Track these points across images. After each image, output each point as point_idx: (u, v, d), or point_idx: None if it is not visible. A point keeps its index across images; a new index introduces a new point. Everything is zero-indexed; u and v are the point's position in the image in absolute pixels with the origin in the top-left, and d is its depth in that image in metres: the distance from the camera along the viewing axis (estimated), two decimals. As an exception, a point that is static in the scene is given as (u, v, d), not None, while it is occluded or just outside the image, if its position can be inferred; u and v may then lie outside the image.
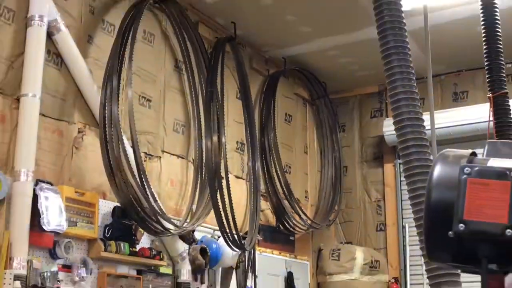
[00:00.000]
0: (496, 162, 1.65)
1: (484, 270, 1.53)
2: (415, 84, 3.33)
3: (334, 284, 7.41)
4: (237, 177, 6.59)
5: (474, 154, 1.78)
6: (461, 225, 1.53)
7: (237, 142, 6.67)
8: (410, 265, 7.41)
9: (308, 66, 7.63)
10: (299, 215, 7.17)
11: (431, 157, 2.78)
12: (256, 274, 6.45)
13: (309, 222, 7.29)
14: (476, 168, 1.59)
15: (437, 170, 1.68)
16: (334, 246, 7.64)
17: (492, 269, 1.54)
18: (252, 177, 6.52)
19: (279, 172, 7.06)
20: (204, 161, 5.91)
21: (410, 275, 7.39)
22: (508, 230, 1.49)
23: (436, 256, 1.66)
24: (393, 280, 7.43)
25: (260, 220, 6.64)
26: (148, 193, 5.09)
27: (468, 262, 1.59)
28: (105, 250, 4.86)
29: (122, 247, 4.99)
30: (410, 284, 7.36)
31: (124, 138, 5.03)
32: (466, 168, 1.59)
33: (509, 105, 4.16)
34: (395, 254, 7.58)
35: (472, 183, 1.56)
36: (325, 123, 7.98)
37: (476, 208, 1.53)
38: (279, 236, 7.12)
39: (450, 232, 1.54)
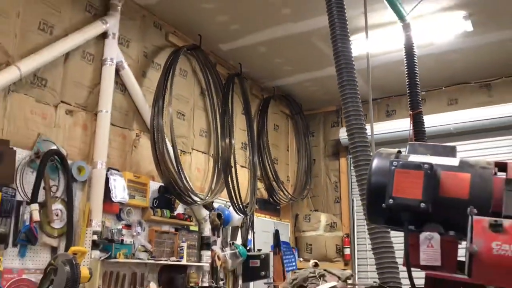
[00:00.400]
0: (414, 158, 1.66)
1: (406, 230, 1.56)
2: (360, 105, 3.35)
3: (306, 238, 7.42)
4: (242, 166, 6.57)
5: (399, 152, 1.79)
6: (390, 200, 1.56)
7: (242, 143, 6.66)
8: (357, 225, 7.40)
9: (290, 92, 7.62)
10: (283, 192, 7.17)
11: (371, 154, 2.78)
12: (254, 231, 6.47)
13: (289, 196, 7.29)
14: (401, 162, 1.60)
15: (375, 163, 1.69)
16: (306, 213, 7.66)
17: (412, 229, 1.58)
18: (252, 166, 6.52)
19: (269, 163, 7.05)
20: (220, 155, 5.91)
21: (357, 232, 7.39)
22: (422, 203, 1.52)
23: (374, 221, 1.70)
24: (345, 235, 7.44)
25: (257, 195, 6.64)
26: (182, 176, 5.11)
27: (396, 225, 1.62)
28: (154, 214, 4.89)
29: (164, 213, 5.01)
30: (357, 238, 7.36)
31: (167, 140, 5.04)
32: (394, 162, 1.60)
33: (423, 119, 4.16)
34: (347, 218, 7.56)
35: (398, 172, 1.57)
36: (301, 131, 7.96)
37: (400, 188, 1.55)
38: (270, 206, 7.11)
39: (383, 205, 1.57)
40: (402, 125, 6.68)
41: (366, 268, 7.00)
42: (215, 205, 5.78)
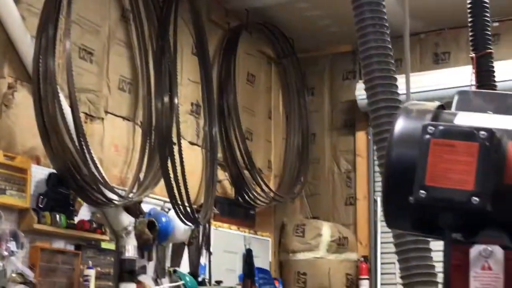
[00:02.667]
0: (464, 119, 1.61)
1: (447, 241, 1.52)
2: (389, 41, 3.25)
3: (298, 263, 7.49)
4: (191, 143, 6.55)
5: (442, 107, 1.74)
6: (422, 191, 1.50)
7: (192, 104, 6.64)
8: (382, 243, 7.48)
9: (273, 20, 7.59)
10: (261, 187, 7.18)
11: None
12: (211, 251, 6.48)
13: (271, 194, 7.30)
14: (441, 128, 1.57)
15: (399, 126, 1.69)
16: (298, 222, 7.70)
17: (456, 239, 1.54)
18: (208, 143, 6.52)
19: (239, 139, 7.04)
20: (153, 124, 5.90)
21: (381, 253, 7.47)
22: (474, 197, 1.47)
23: (394, 223, 1.66)
24: (362, 259, 7.53)
25: (217, 191, 6.66)
26: (88, 158, 5.06)
27: (430, 231, 1.60)
28: (39, 222, 4.84)
29: (58, 219, 4.96)
30: (381, 263, 7.45)
31: (61, 95, 4.98)
32: (430, 127, 1.57)
33: (493, 67, 4.12)
34: (365, 230, 7.65)
35: (436, 145, 1.53)
36: (292, 85, 7.96)
37: (439, 172, 1.51)
38: (238, 210, 7.13)
39: (410, 198, 1.51)
40: (458, 76, 6.62)
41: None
42: (145, 207, 5.77)
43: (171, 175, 5.76)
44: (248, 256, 6.85)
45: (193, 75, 6.58)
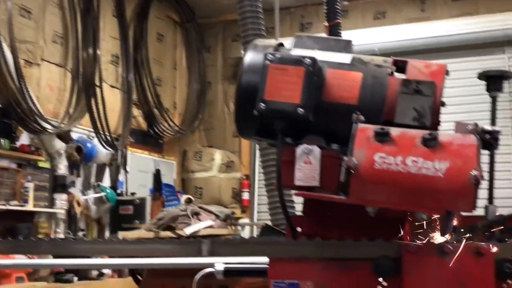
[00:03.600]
0: (297, 52, 1.64)
1: (280, 142, 1.55)
2: (261, 11, 3.33)
3: (196, 180, 7.48)
4: (112, 86, 6.39)
5: (281, 45, 1.75)
6: (262, 104, 1.54)
7: (112, 55, 6.45)
8: (259, 165, 7.49)
9: (179, -9, 7.38)
10: (168, 122, 7.15)
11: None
12: (128, 170, 6.43)
13: (176, 128, 7.28)
14: (278, 55, 1.58)
15: (247, 57, 1.67)
16: (197, 149, 7.67)
17: (287, 142, 1.57)
18: (125, 87, 6.40)
19: (150, 84, 6.94)
20: (81, 70, 5.72)
21: (258, 172, 7.45)
22: (299, 109, 1.51)
23: (244, 131, 1.69)
24: (244, 177, 7.57)
25: (133, 125, 6.59)
26: (27, 96, 4.94)
27: (269, 136, 1.61)
28: None
29: (2, 143, 4.86)
30: (258, 180, 7.46)
31: (4, 45, 4.80)
32: (269, 55, 1.58)
33: (340, 34, 4.24)
34: (247, 156, 7.67)
35: (273, 69, 1.55)
36: (193, 44, 7.83)
37: (274, 90, 1.54)
38: (150, 140, 7.06)
39: (254, 111, 1.54)
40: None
41: (268, 216, 7.18)
42: (74, 135, 5.67)
43: (95, 111, 5.67)
44: (157, 175, 6.81)
45: (113, 33, 6.38)
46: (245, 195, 7.48)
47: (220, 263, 1.67)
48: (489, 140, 1.50)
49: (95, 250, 1.78)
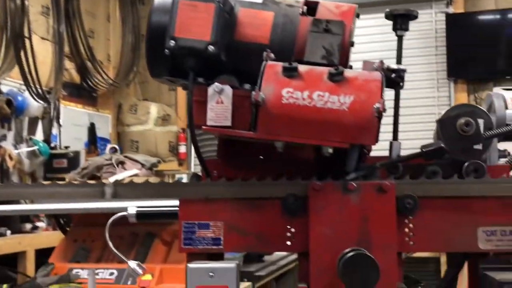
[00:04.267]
0: None
1: (190, 81, 1.53)
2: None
3: (132, 133, 7.43)
4: (42, 38, 6.16)
5: None
6: (172, 41, 1.51)
7: (42, 6, 6.19)
8: (195, 118, 7.52)
9: None
10: (101, 75, 7.00)
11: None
12: (61, 124, 6.29)
13: (110, 81, 7.14)
14: None
15: None
16: (132, 102, 7.59)
17: (200, 81, 1.55)
18: (57, 39, 6.21)
19: (83, 36, 6.73)
20: (8, 21, 5.46)
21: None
22: (210, 46, 1.49)
23: (156, 71, 1.63)
24: (181, 130, 7.54)
25: (65, 78, 6.42)
26: None
27: (181, 76, 1.57)
28: None
29: None
30: (194, 133, 7.47)
31: None
32: None
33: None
34: (184, 109, 7.58)
35: (183, 5, 1.51)
36: (127, -4, 7.62)
37: (184, 26, 1.50)
38: (83, 93, 6.90)
39: (165, 50, 1.51)
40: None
41: (204, 169, 7.23)
42: (4, 88, 5.46)
43: (24, 63, 5.49)
44: (91, 128, 6.72)
45: (43, -17, 6.14)
46: (182, 149, 7.47)
47: (133, 207, 1.65)
48: (394, 79, 1.54)
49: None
